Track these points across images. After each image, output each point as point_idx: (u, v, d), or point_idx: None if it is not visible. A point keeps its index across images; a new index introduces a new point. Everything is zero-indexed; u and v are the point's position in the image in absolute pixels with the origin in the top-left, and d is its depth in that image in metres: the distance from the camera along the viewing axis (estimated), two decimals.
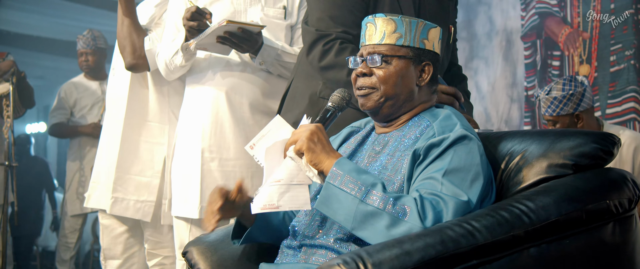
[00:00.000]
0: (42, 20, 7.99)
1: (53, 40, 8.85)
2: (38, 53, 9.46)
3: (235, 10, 2.92)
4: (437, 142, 1.85)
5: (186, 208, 2.92)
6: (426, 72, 2.03)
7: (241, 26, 2.72)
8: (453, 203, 1.75)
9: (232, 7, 2.92)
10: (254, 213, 1.89)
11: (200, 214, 2.86)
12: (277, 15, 2.97)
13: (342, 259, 1.58)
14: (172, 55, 2.94)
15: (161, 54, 3.04)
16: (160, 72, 3.11)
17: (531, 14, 5.01)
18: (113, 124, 3.37)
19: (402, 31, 1.99)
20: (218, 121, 2.93)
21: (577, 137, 1.95)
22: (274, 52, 2.88)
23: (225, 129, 2.93)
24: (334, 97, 2.02)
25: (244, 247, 2.23)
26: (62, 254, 5.60)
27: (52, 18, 7.81)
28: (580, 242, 1.80)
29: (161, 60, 3.03)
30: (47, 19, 7.90)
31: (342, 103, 2.01)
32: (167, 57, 2.97)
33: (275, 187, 1.87)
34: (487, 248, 1.67)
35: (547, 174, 1.92)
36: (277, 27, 2.93)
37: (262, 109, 2.99)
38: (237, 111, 2.94)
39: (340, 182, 1.78)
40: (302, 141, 1.86)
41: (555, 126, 3.55)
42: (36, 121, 13.63)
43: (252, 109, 2.96)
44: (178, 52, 2.90)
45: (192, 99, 3.02)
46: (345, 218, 1.77)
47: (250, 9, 2.92)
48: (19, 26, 8.28)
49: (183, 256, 2.31)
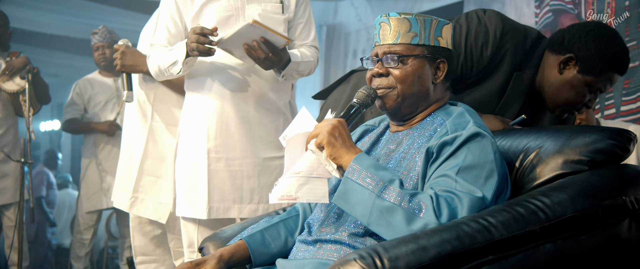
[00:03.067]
0: (55, 18, 8.01)
1: (66, 38, 8.88)
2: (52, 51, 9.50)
3: (233, 7, 2.90)
4: (450, 140, 1.86)
5: (193, 208, 2.91)
6: (441, 70, 2.03)
7: (267, 31, 2.71)
8: (467, 199, 1.76)
9: (228, 4, 2.90)
10: (272, 202, 1.90)
11: (209, 215, 2.86)
12: (274, 10, 2.95)
13: (358, 254, 1.58)
14: (170, 65, 2.88)
15: (155, 57, 2.96)
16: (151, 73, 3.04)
17: (545, 11, 5.00)
18: (137, 127, 3.40)
19: (416, 30, 1.99)
20: (223, 121, 2.91)
21: (593, 134, 1.95)
22: (296, 66, 2.89)
23: (230, 129, 2.92)
24: (360, 93, 2.02)
25: None
26: (77, 250, 5.63)
27: (66, 16, 7.83)
28: (596, 238, 1.80)
29: (154, 64, 2.96)
30: (60, 16, 7.92)
31: (367, 100, 2.01)
32: (162, 64, 2.90)
33: (294, 179, 1.88)
34: (502, 243, 1.67)
35: (562, 171, 1.92)
36: (275, 22, 2.92)
37: (267, 106, 2.97)
38: (242, 110, 2.92)
39: (358, 177, 1.79)
40: (323, 135, 1.87)
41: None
42: (50, 119, 13.71)
43: (257, 106, 2.95)
44: (177, 63, 2.84)
45: (195, 99, 2.99)
46: (362, 212, 1.78)
47: (248, 5, 2.90)
48: (32, 24, 8.32)
49: (199, 252, 2.32)
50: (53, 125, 13.81)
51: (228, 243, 2.16)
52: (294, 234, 2.18)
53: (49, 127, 13.99)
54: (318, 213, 2.05)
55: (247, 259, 2.10)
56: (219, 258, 2.05)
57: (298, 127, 1.99)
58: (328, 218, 1.99)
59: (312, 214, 2.09)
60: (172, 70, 2.88)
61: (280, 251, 2.14)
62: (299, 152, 1.95)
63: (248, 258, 2.10)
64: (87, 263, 5.64)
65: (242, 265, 2.10)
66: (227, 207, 2.89)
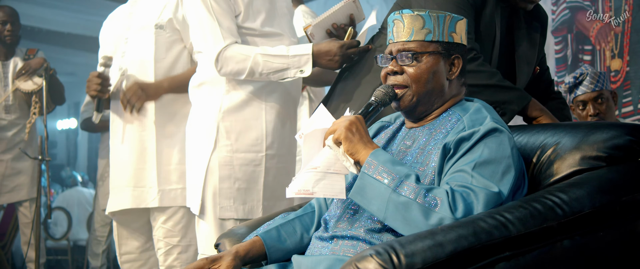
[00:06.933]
0: (72, 17, 8.07)
1: (83, 36, 8.94)
2: (68, 49, 9.58)
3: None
4: (467, 135, 1.85)
5: (246, 208, 2.83)
6: (456, 66, 2.03)
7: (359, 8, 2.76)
8: (483, 194, 1.75)
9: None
10: (288, 196, 1.91)
11: (265, 212, 2.80)
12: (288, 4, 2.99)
13: (374, 250, 1.58)
14: (279, 71, 2.74)
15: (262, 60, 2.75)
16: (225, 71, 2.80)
17: (562, 8, 4.97)
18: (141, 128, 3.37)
19: (430, 27, 1.99)
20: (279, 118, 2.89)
21: (611, 130, 1.94)
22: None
23: (286, 127, 2.91)
24: (378, 92, 2.01)
25: None
26: (94, 248, 5.67)
27: (83, 14, 7.89)
28: (614, 234, 1.79)
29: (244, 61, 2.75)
30: (77, 15, 7.98)
31: (385, 98, 2.01)
32: (265, 69, 2.74)
33: (311, 174, 1.89)
34: (519, 239, 1.66)
35: (580, 167, 1.91)
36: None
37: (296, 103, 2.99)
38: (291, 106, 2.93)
39: (375, 171, 1.79)
40: (341, 131, 1.87)
41: (597, 101, 3.53)
42: (67, 117, 13.80)
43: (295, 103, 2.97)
44: (289, 70, 2.73)
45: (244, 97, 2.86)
46: (378, 207, 1.78)
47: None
48: (50, 23, 8.38)
49: (215, 248, 2.33)
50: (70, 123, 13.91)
51: (244, 239, 2.17)
52: (309, 230, 2.18)
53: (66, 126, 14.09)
54: (334, 209, 2.05)
55: (263, 255, 2.10)
56: (235, 254, 2.05)
57: (315, 123, 2.00)
58: (344, 214, 1.99)
59: (329, 210, 2.10)
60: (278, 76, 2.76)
61: (296, 247, 2.14)
62: (316, 149, 1.96)
63: (264, 254, 2.10)
64: (103, 260, 5.69)
65: (257, 261, 2.11)
66: (272, 205, 2.87)
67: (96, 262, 5.67)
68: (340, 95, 2.77)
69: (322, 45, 2.74)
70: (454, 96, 2.05)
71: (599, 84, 3.54)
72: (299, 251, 2.13)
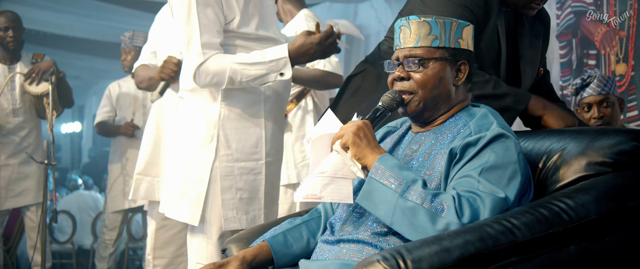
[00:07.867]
0: (77, 20, 8.08)
1: (88, 40, 8.95)
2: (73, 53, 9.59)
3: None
4: (473, 141, 1.86)
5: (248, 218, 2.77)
6: (462, 72, 2.03)
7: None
8: (490, 199, 1.76)
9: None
10: (296, 201, 1.91)
11: (266, 219, 2.76)
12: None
13: (381, 255, 1.59)
14: (259, 77, 2.69)
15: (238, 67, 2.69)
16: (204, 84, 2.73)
17: (566, 13, 4.98)
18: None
19: (437, 33, 2.00)
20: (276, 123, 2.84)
21: (617, 136, 1.95)
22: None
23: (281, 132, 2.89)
24: (385, 97, 2.02)
25: None
26: (102, 251, 5.69)
27: (88, 18, 7.90)
28: (620, 240, 1.79)
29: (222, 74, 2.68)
30: (82, 19, 7.99)
31: (392, 104, 2.01)
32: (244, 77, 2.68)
33: (319, 179, 1.89)
34: (526, 245, 1.67)
35: (585, 172, 1.92)
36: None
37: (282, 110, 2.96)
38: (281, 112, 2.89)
39: (382, 176, 1.80)
40: (348, 136, 1.88)
41: (602, 105, 3.52)
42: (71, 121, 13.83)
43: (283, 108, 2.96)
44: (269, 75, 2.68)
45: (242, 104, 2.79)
46: (385, 212, 1.79)
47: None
48: (54, 27, 8.39)
49: (222, 253, 2.34)
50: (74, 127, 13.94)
51: (251, 244, 2.17)
52: (316, 235, 2.19)
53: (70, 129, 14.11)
54: (340, 213, 2.06)
55: (269, 260, 2.11)
56: (242, 259, 2.06)
57: (323, 128, 2.00)
58: (350, 218, 2.00)
59: (335, 214, 2.10)
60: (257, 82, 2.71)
61: (303, 252, 2.15)
62: (324, 153, 1.97)
63: (271, 260, 2.11)
64: (110, 263, 5.70)
65: (264, 266, 2.11)
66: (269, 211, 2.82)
67: (103, 265, 5.68)
68: (347, 101, 2.77)
69: (296, 42, 2.69)
70: (460, 101, 2.06)
71: (606, 88, 3.54)
72: (306, 256, 2.14)
